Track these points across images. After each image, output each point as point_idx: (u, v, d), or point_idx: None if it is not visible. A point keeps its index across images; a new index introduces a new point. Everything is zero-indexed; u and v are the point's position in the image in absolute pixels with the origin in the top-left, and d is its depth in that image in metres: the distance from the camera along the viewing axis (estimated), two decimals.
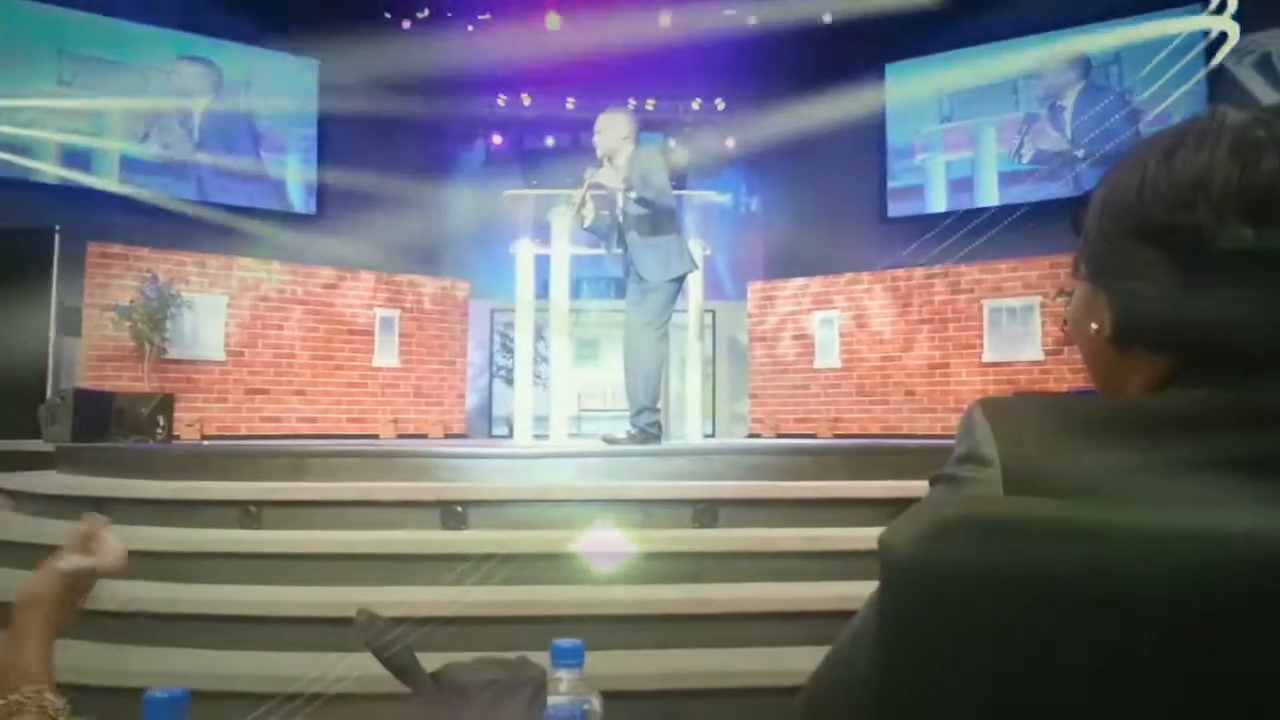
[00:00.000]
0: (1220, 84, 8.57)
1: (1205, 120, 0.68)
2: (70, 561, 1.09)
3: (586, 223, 5.15)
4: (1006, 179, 9.74)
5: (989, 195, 9.81)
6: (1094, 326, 0.72)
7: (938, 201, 10.11)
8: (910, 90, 10.29)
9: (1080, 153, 9.22)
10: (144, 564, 3.49)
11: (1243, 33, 8.54)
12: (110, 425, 6.29)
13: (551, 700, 1.02)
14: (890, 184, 10.39)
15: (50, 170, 8.75)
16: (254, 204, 9.93)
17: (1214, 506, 0.55)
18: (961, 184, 10.01)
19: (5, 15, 8.68)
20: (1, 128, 8.55)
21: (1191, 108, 7.83)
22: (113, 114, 9.16)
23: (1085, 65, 9.39)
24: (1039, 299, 7.93)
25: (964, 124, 10.00)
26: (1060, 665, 0.54)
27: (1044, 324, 7.91)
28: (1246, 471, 0.57)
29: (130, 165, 9.28)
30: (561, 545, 3.50)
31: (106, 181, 9.07)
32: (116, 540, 1.12)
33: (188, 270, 7.88)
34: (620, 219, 5.01)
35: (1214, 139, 0.66)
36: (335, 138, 10.39)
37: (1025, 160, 9.65)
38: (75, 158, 8.95)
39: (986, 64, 9.83)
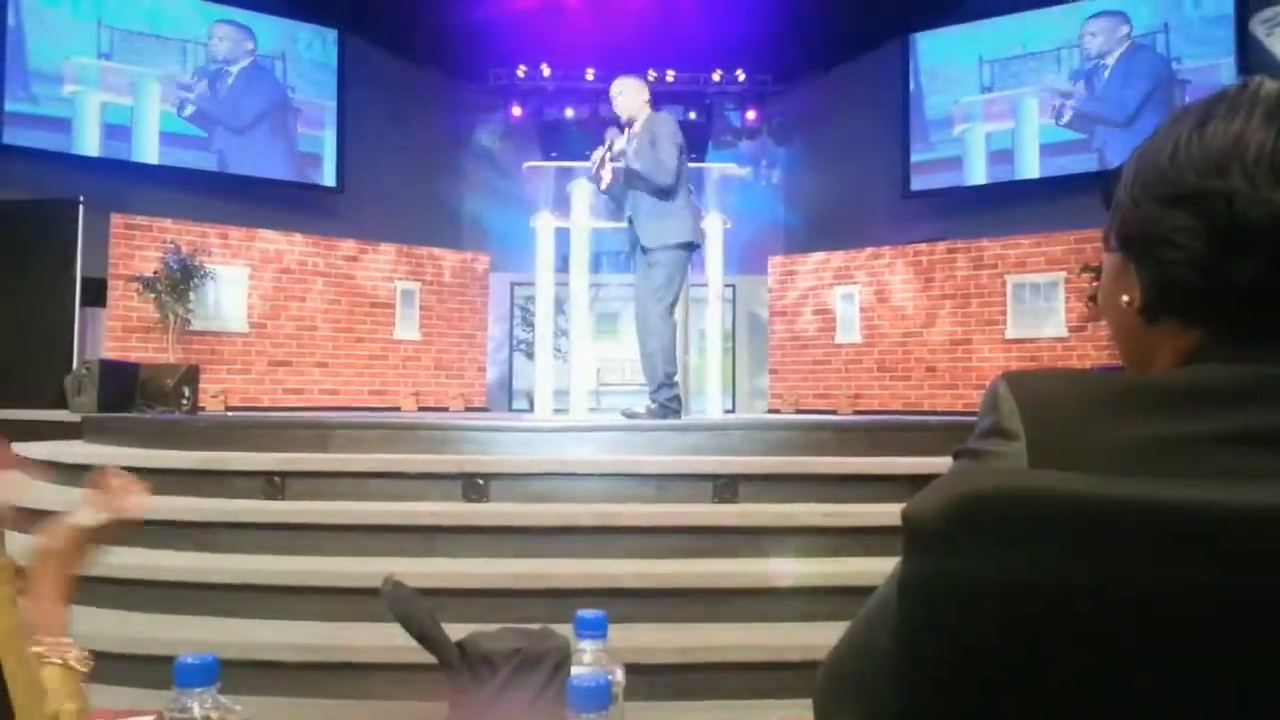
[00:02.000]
0: (1251, 53, 8.43)
1: (1238, 89, 0.67)
2: (84, 515, 1.11)
3: (604, 185, 5.15)
4: (1049, 150, 9.56)
5: (1030, 167, 9.65)
6: (1124, 299, 0.72)
7: (977, 174, 9.95)
8: (946, 58, 10.10)
9: (1118, 118, 9.07)
10: (169, 533, 3.54)
11: (1274, 2, 8.38)
12: (135, 396, 6.36)
13: (575, 671, 1.02)
14: (929, 155, 10.21)
15: (91, 145, 8.87)
16: (277, 175, 9.97)
17: (1243, 480, 0.54)
18: (1001, 155, 9.83)
19: None
20: (44, 102, 8.65)
21: (1232, 78, 7.69)
22: (150, 86, 9.23)
23: (1131, 29, 9.19)
24: (1063, 275, 7.85)
25: (1006, 94, 9.80)
26: (1086, 637, 0.54)
27: (1068, 300, 7.83)
28: (1277, 446, 0.57)
29: (166, 139, 9.35)
30: (582, 519, 3.52)
31: (146, 154, 9.17)
32: (135, 488, 1.14)
33: (210, 241, 7.93)
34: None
35: (1248, 108, 0.65)
36: (355, 109, 10.39)
37: (1063, 122, 9.47)
38: (114, 131, 9.04)
39: (1027, 30, 9.64)
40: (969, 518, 0.56)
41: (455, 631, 1.12)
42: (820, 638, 2.82)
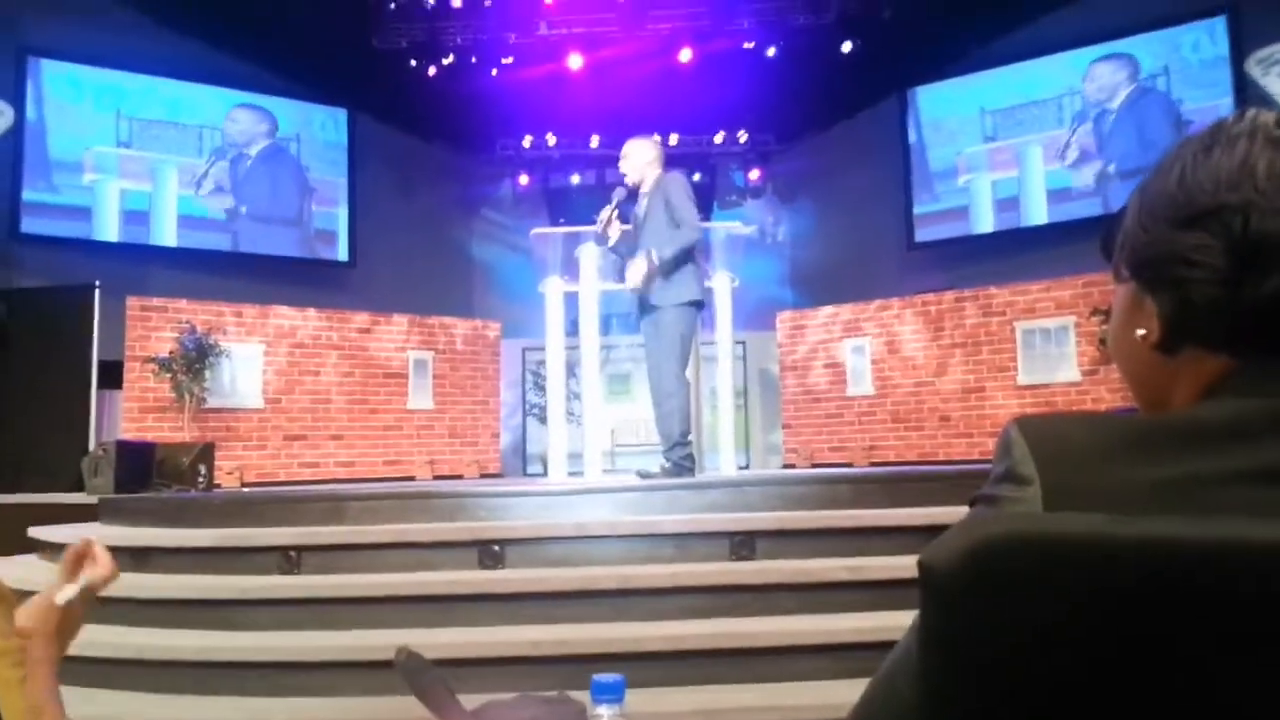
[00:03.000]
0: (1249, 94, 8.52)
1: (1235, 119, 0.68)
2: (64, 593, 1.12)
3: (611, 242, 5.18)
4: (1055, 196, 9.62)
5: (1037, 214, 9.71)
6: (1140, 333, 0.71)
7: (984, 222, 10.01)
8: (947, 111, 10.22)
9: (1124, 162, 9.12)
10: (186, 613, 3.52)
11: (1269, 42, 8.50)
12: (152, 475, 6.37)
13: None
14: (934, 207, 10.28)
15: (110, 232, 9.07)
16: (291, 253, 10.13)
17: (1265, 518, 0.54)
18: (1008, 203, 9.89)
19: (69, 81, 9.02)
20: (64, 191, 8.87)
21: None
22: (168, 172, 9.45)
23: (1134, 73, 9.30)
24: (1073, 319, 7.84)
25: (1009, 142, 9.90)
26: (1107, 681, 0.53)
27: (1079, 344, 7.80)
28: None
29: (184, 222, 9.55)
30: (599, 582, 3.48)
31: (164, 238, 9.36)
32: (102, 550, 1.16)
33: (225, 320, 8.01)
34: (640, 246, 5.00)
35: (1249, 135, 0.66)
36: (366, 185, 10.58)
37: (1069, 162, 9.53)
38: (133, 217, 9.24)
39: (1027, 80, 9.77)
40: (985, 564, 0.55)
41: (473, 701, 1.11)
42: (842, 695, 2.77)
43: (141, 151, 9.37)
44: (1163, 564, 0.53)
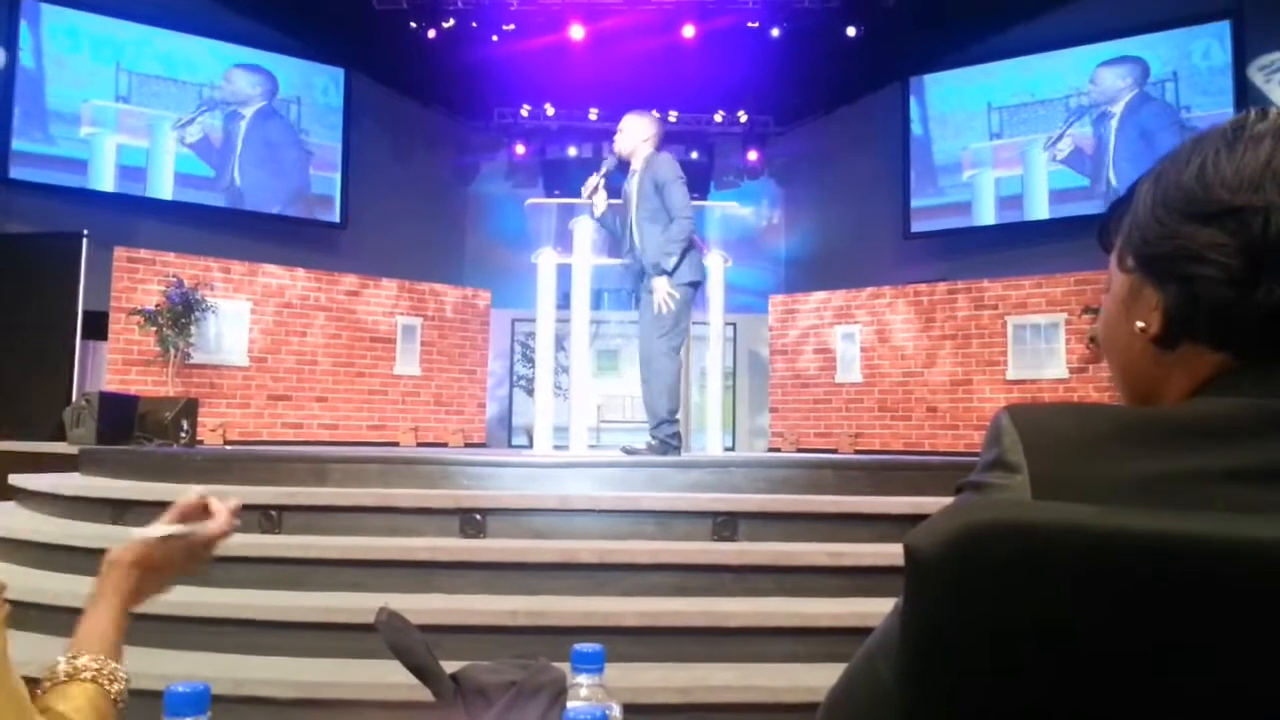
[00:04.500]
0: (1250, 100, 8.52)
1: (1259, 116, 0.67)
2: (153, 530, 1.08)
3: (598, 212, 5.17)
4: (1057, 196, 9.60)
5: (1039, 212, 9.70)
6: (1139, 325, 0.70)
7: (986, 218, 10.00)
8: (955, 105, 10.18)
9: (1126, 165, 9.10)
10: None
11: (1272, 49, 8.49)
12: (134, 429, 6.34)
13: (571, 705, 1.01)
14: (938, 200, 10.27)
15: (105, 185, 8.98)
16: (282, 212, 10.04)
17: (1250, 515, 0.54)
18: (1011, 201, 9.87)
19: (68, 31, 8.90)
20: (61, 143, 8.76)
21: None
22: (165, 128, 9.35)
23: (1140, 77, 9.27)
24: (1064, 316, 7.87)
25: (1015, 140, 9.87)
26: (1089, 670, 0.53)
27: (1069, 341, 7.84)
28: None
29: (179, 179, 9.45)
30: (579, 555, 3.49)
31: (158, 193, 9.27)
32: (221, 507, 1.11)
33: (213, 275, 7.96)
34: (632, 224, 4.99)
35: (1274, 134, 0.65)
36: (360, 147, 10.49)
37: (1060, 158, 9.52)
38: (129, 172, 9.15)
39: (1034, 77, 9.73)
40: (970, 549, 0.55)
41: (451, 667, 1.11)
42: (818, 679, 2.79)
43: (140, 107, 9.26)
44: (1148, 557, 0.53)
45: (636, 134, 5.08)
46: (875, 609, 2.80)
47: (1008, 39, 9.80)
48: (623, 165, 5.16)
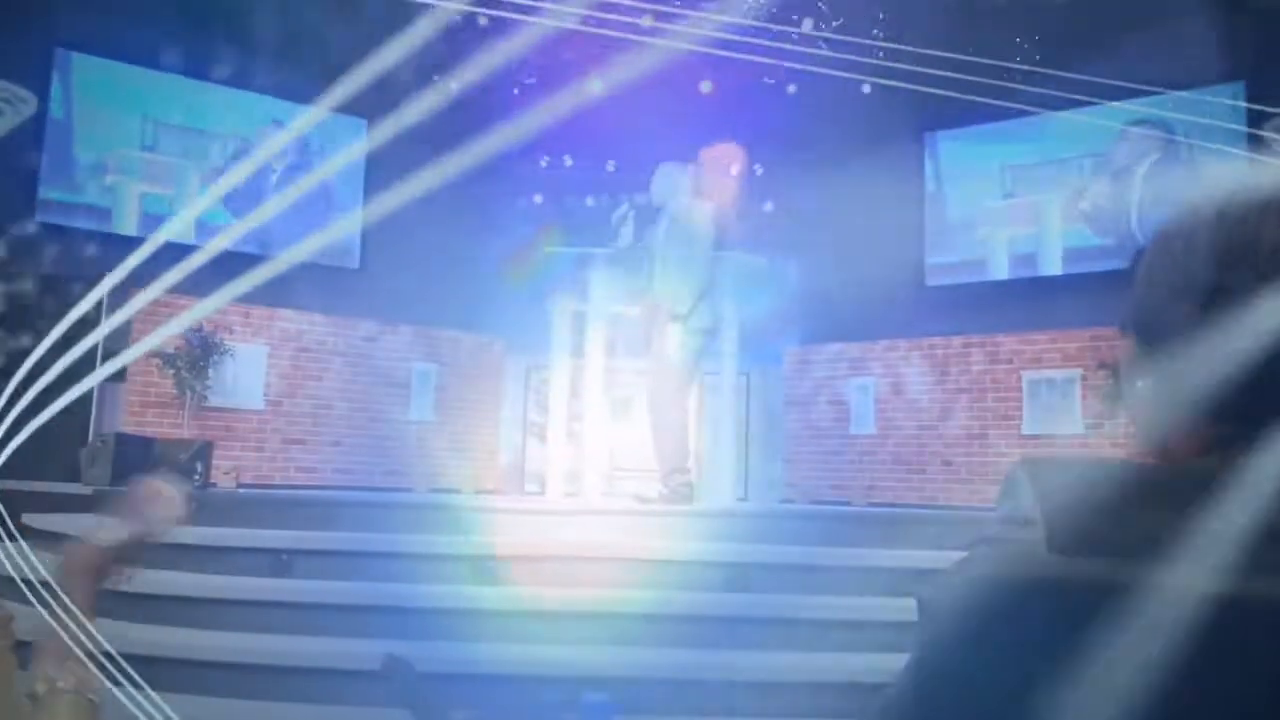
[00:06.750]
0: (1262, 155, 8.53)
1: (1244, 190, 0.67)
2: (104, 533, 1.09)
3: (621, 245, 5.21)
4: (1072, 255, 9.58)
5: (1052, 269, 9.68)
6: (1140, 384, 0.71)
7: (999, 275, 10.00)
8: (967, 164, 10.24)
9: (1137, 223, 9.09)
10: (175, 609, 3.50)
11: None
12: (149, 470, 6.36)
13: None
14: (952, 258, 10.27)
15: (128, 230, 9.13)
16: (303, 258, 10.14)
17: (1265, 572, 0.53)
18: (1024, 260, 9.85)
19: (98, 80, 9.11)
20: (86, 191, 8.93)
21: None
22: (191, 178, 9.51)
23: (1159, 137, 9.29)
24: (1079, 372, 7.82)
25: (1028, 200, 9.88)
26: None
27: (1084, 397, 7.78)
28: None
29: (204, 228, 9.60)
30: (591, 604, 3.46)
31: (184, 238, 9.39)
32: (176, 495, 1.11)
33: (231, 320, 8.02)
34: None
35: (1261, 205, 0.65)
36: (380, 194, 10.61)
37: (1082, 210, 9.50)
38: (152, 221, 9.29)
39: (1049, 136, 9.77)
40: (983, 602, 0.55)
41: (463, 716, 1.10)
42: None
43: (166, 156, 9.43)
44: (1164, 611, 0.52)
45: (665, 185, 5.14)
46: (888, 665, 2.75)
47: (1025, 95, 9.87)
48: (653, 211, 5.20)
